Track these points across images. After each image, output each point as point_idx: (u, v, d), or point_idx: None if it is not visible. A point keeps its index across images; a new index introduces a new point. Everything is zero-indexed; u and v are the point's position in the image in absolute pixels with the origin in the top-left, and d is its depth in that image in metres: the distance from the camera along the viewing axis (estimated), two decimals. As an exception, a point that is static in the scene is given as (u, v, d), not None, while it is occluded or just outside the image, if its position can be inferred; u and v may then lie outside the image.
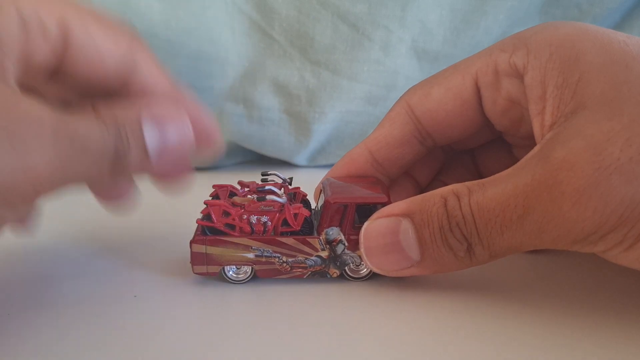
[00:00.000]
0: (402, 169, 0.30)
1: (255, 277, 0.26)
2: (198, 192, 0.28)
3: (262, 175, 0.29)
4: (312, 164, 0.52)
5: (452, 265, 0.23)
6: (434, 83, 0.27)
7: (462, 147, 0.31)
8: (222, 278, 0.26)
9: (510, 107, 0.26)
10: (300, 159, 0.51)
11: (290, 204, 0.26)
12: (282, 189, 0.27)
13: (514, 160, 0.29)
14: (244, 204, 0.25)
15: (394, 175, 0.30)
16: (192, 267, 0.25)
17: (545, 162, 0.20)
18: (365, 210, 0.27)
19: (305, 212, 0.25)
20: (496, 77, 0.25)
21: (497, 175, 0.22)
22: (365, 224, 0.25)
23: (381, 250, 0.24)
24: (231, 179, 0.49)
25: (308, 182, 0.49)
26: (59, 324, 0.22)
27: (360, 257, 0.26)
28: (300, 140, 0.49)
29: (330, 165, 0.52)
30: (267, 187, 0.27)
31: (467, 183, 0.23)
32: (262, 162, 0.54)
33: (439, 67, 0.48)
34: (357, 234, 0.25)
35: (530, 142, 0.24)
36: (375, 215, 0.24)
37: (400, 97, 0.29)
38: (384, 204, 0.25)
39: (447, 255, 0.23)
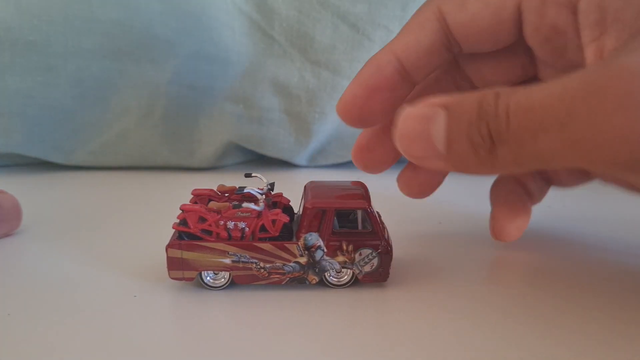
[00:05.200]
0: (427, 76, 0.28)
1: (233, 283, 0.26)
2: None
3: (245, 176, 0.29)
4: (312, 164, 0.52)
5: (473, 164, 0.22)
6: None
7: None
8: (199, 284, 0.26)
9: (554, 36, 0.24)
10: (300, 159, 0.51)
11: (269, 210, 0.26)
12: (264, 195, 0.27)
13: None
14: (220, 210, 0.25)
15: (417, 82, 0.28)
16: (168, 272, 0.25)
17: (604, 68, 0.18)
18: (345, 216, 0.26)
19: (283, 217, 0.25)
20: (543, 2, 0.23)
21: (548, 80, 0.20)
22: (406, 107, 0.23)
23: (411, 135, 0.23)
24: (231, 179, 0.49)
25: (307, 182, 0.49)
26: (59, 324, 0.22)
27: (339, 263, 0.25)
28: (300, 140, 0.49)
29: (331, 166, 0.53)
30: (245, 190, 0.27)
31: (514, 86, 0.21)
32: (262, 162, 0.54)
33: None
34: (337, 239, 0.25)
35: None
36: (417, 101, 0.23)
37: (429, 0, 0.27)
38: (363, 210, 0.25)
39: (469, 152, 0.21)
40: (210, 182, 0.48)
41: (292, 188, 0.32)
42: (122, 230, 0.34)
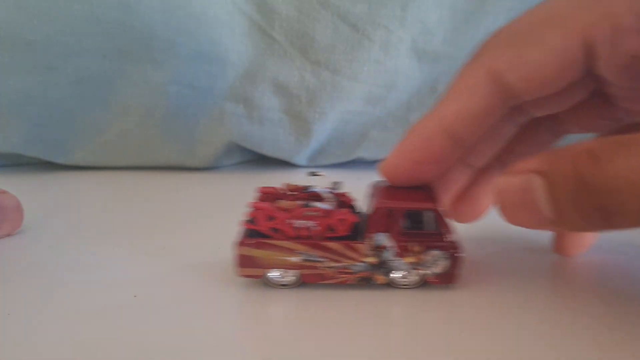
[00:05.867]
0: (480, 137, 0.26)
1: (299, 282, 0.26)
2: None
3: (310, 175, 0.29)
4: (312, 164, 0.52)
5: (589, 228, 0.21)
6: (523, 42, 0.23)
7: (546, 111, 0.27)
8: (265, 282, 0.26)
9: (634, 63, 0.22)
10: (300, 159, 0.51)
11: (337, 209, 0.25)
12: (332, 194, 0.27)
13: (616, 112, 0.26)
14: (289, 208, 0.25)
15: (470, 145, 0.26)
16: (236, 269, 0.25)
17: None
18: (414, 216, 0.26)
19: (351, 217, 0.25)
20: (616, 33, 0.21)
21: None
22: (499, 179, 0.22)
23: (515, 207, 0.22)
24: (231, 179, 0.49)
25: (308, 182, 0.49)
26: (59, 324, 0.22)
27: (407, 264, 0.25)
28: (300, 140, 0.49)
29: (331, 165, 0.53)
30: (313, 189, 0.27)
31: (604, 140, 0.19)
32: (262, 162, 0.54)
33: (439, 67, 0.48)
34: (405, 240, 0.25)
35: None
36: (509, 170, 0.22)
37: (476, 59, 0.24)
38: (432, 211, 0.25)
39: (581, 221, 0.20)
40: (210, 182, 0.48)
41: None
42: (122, 230, 0.34)
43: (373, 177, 0.31)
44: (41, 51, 0.43)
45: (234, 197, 0.31)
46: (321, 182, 0.28)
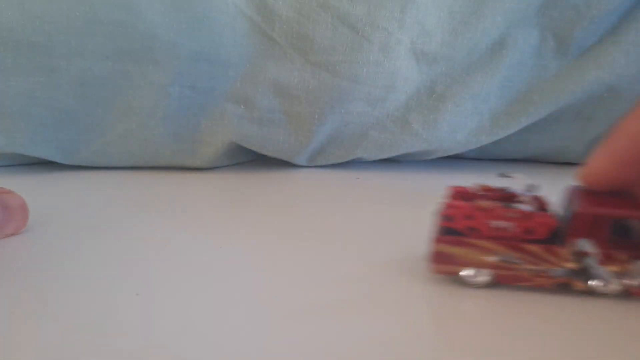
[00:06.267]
0: None
1: (494, 282, 0.25)
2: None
3: (500, 176, 0.28)
4: (312, 164, 0.53)
5: None
6: None
7: None
8: (459, 280, 0.26)
9: None
10: (300, 159, 0.52)
11: (537, 212, 0.25)
12: (531, 197, 0.27)
13: None
14: (487, 208, 0.25)
15: None
16: (431, 265, 0.25)
17: None
18: (618, 223, 0.25)
19: (552, 221, 0.25)
20: None
21: None
22: None
23: None
24: (231, 179, 0.50)
25: (308, 182, 0.49)
26: (64, 324, 0.23)
27: (611, 273, 0.24)
28: (300, 141, 0.50)
29: (331, 166, 0.53)
30: (512, 191, 0.27)
31: None
32: (262, 162, 0.54)
33: (438, 69, 0.49)
34: (612, 247, 0.24)
35: None
36: None
37: None
38: None
39: None
40: (212, 182, 0.48)
41: (292, 188, 0.32)
42: (126, 230, 0.34)
43: (374, 177, 0.31)
44: (44, 52, 0.43)
45: (236, 197, 0.31)
46: (513, 184, 0.28)
